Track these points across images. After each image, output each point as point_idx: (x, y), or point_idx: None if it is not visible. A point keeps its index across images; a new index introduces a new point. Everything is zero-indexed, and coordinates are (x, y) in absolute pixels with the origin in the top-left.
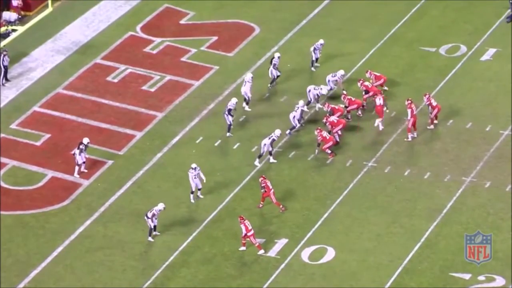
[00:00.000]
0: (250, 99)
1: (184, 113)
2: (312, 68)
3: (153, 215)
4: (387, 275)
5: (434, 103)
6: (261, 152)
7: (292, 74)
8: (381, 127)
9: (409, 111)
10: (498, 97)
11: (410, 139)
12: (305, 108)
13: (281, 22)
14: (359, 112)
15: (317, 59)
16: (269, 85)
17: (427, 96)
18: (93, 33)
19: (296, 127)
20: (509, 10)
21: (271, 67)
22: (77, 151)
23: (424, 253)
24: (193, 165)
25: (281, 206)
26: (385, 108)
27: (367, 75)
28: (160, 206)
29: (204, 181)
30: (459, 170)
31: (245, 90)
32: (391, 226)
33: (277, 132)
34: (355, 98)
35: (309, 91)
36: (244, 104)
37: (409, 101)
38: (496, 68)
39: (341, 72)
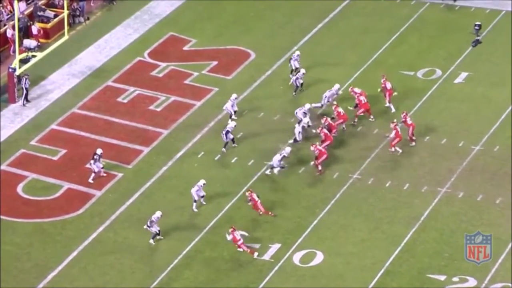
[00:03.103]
0: (233, 113)
1: (187, 130)
2: (290, 75)
3: (151, 222)
4: (371, 277)
5: (409, 121)
6: (272, 164)
7: (284, 95)
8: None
9: (394, 131)
10: (469, 116)
11: (393, 150)
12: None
13: (274, 49)
14: (344, 127)
15: (296, 68)
16: (293, 93)
17: (403, 114)
18: (105, 58)
19: (300, 141)
20: (476, 37)
21: (294, 79)
22: (92, 161)
23: (404, 256)
24: (203, 182)
25: (270, 213)
26: (372, 117)
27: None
28: (158, 214)
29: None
30: (435, 181)
31: (227, 105)
32: (373, 232)
33: (288, 149)
34: (344, 112)
35: (296, 112)
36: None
37: (394, 123)
38: (468, 90)
39: (337, 86)
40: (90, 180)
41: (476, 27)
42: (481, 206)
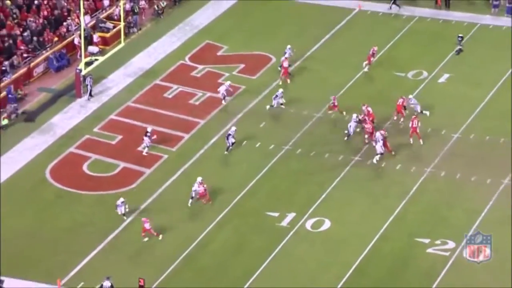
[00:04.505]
0: (225, 95)
1: (220, 121)
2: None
3: (122, 202)
4: (369, 240)
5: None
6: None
7: (297, 91)
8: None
9: (410, 123)
10: (450, 109)
11: (412, 141)
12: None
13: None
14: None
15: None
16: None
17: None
18: (153, 61)
19: (351, 135)
20: (459, 46)
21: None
22: (144, 137)
23: (396, 224)
24: (200, 179)
25: (157, 234)
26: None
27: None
28: (121, 199)
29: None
30: (422, 162)
31: (220, 89)
32: (372, 204)
33: (378, 135)
34: (372, 111)
35: (275, 96)
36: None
37: (414, 116)
38: (450, 89)
39: (410, 96)
40: (144, 153)
41: (459, 38)
42: (459, 183)
